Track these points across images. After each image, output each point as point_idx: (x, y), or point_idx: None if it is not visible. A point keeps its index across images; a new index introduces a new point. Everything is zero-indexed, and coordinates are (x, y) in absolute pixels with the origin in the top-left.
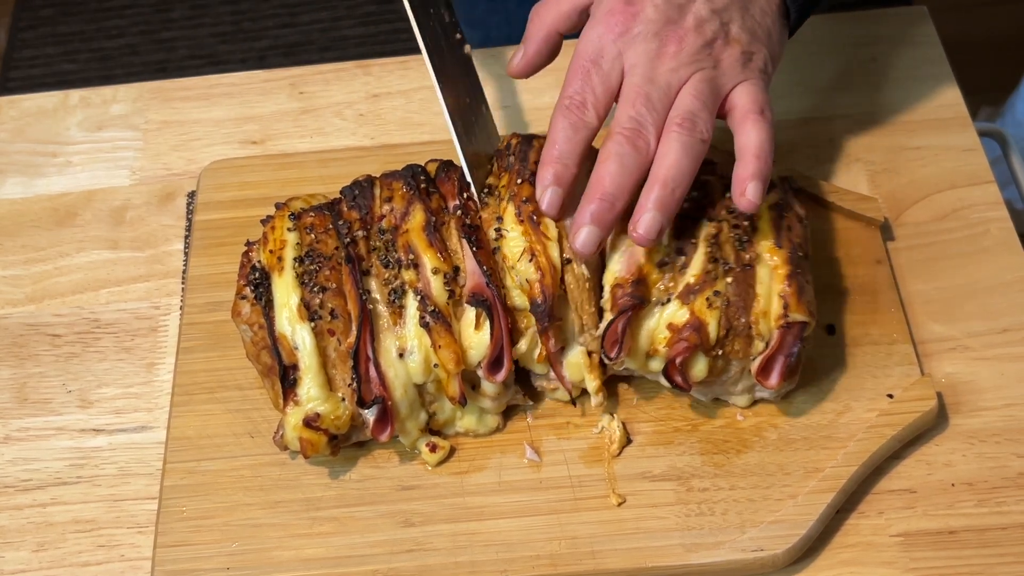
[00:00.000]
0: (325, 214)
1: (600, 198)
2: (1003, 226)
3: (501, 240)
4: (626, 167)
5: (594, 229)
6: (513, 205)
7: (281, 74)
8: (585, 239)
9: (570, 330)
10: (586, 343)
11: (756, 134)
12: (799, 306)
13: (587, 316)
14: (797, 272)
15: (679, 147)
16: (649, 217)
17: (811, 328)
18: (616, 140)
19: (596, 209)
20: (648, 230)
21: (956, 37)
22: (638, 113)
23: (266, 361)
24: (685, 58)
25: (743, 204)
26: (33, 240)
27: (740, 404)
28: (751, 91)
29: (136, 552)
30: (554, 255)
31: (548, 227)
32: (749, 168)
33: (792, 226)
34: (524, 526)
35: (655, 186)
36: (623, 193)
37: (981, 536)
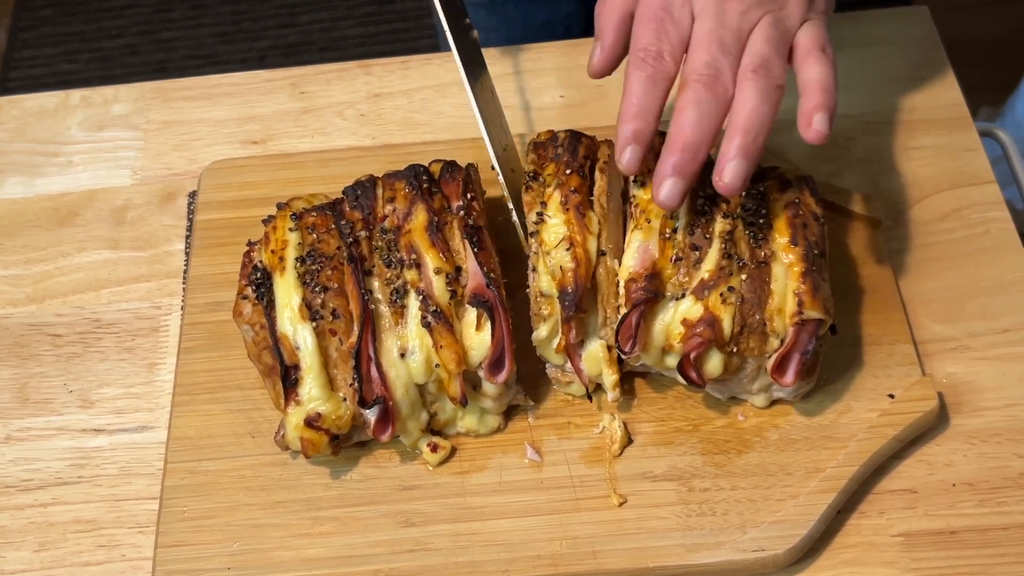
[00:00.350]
0: (327, 214)
1: (682, 148)
2: (1003, 226)
3: (541, 225)
4: (705, 115)
5: (678, 181)
6: (560, 193)
7: (282, 74)
8: (670, 191)
9: (592, 323)
10: (607, 337)
11: (820, 68)
12: (814, 303)
13: (611, 310)
14: (812, 270)
15: (757, 94)
16: (735, 165)
17: (827, 326)
18: (694, 88)
19: (679, 160)
20: (734, 178)
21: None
22: (713, 59)
23: (267, 361)
24: (753, 0)
25: (810, 136)
26: (34, 240)
27: (758, 404)
28: (813, 30)
29: (137, 552)
30: (592, 248)
31: (591, 220)
32: (815, 99)
33: (808, 224)
34: (525, 526)
35: (737, 134)
36: (705, 142)
37: (982, 536)
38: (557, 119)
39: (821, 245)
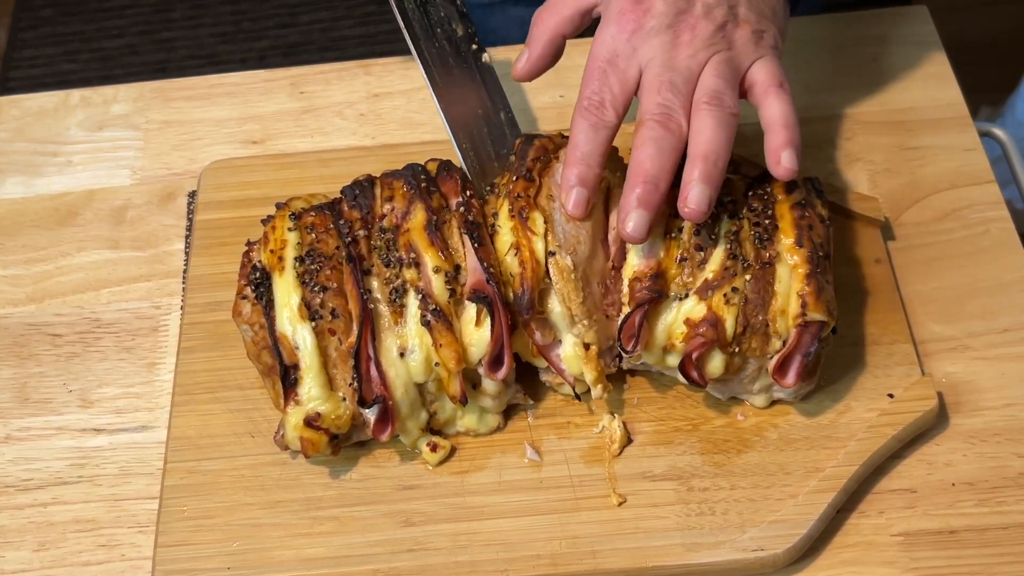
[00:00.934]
0: (326, 214)
1: (644, 181)
2: (1003, 226)
3: (495, 235)
4: (663, 149)
5: (642, 212)
6: (508, 200)
7: (282, 74)
8: (636, 224)
9: (561, 322)
10: (580, 335)
11: (780, 105)
12: (817, 305)
13: (576, 307)
14: (817, 272)
15: (712, 122)
16: (698, 190)
17: (829, 328)
18: (648, 126)
19: (642, 192)
20: (699, 203)
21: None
22: (664, 99)
23: (267, 361)
24: (700, 44)
25: (780, 173)
26: (34, 240)
27: (758, 404)
28: (768, 66)
29: (137, 552)
30: (538, 248)
31: (535, 222)
32: (780, 138)
33: (814, 225)
34: (524, 526)
35: (697, 161)
36: (665, 174)
37: (982, 536)
38: (556, 119)
39: (826, 247)
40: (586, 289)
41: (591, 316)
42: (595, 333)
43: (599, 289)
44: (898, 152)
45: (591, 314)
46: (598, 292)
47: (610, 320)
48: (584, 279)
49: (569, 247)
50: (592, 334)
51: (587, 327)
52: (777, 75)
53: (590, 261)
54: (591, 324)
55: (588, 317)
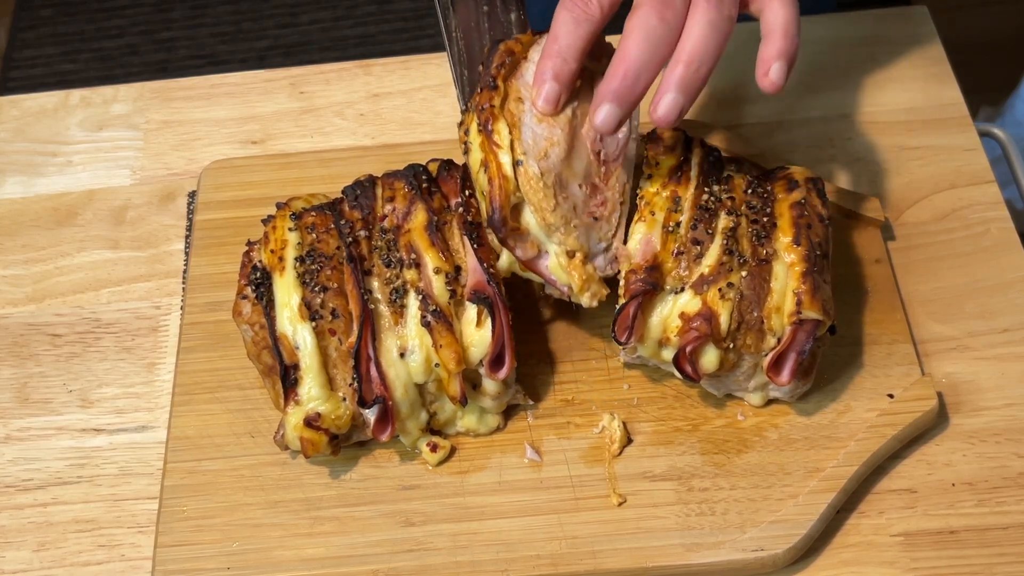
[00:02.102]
0: (326, 214)
1: (624, 74)
2: (1003, 226)
3: (468, 154)
4: (651, 41)
5: (614, 108)
6: (476, 115)
7: (282, 74)
8: (605, 117)
9: (539, 233)
10: (562, 242)
11: (783, 12)
12: (813, 303)
13: (549, 216)
14: (814, 270)
15: (706, 23)
16: (670, 99)
17: (826, 327)
18: (642, 12)
19: (619, 86)
20: (668, 112)
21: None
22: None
23: (267, 361)
24: None
25: (765, 85)
26: (34, 240)
27: (754, 402)
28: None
29: (136, 552)
30: (504, 161)
31: (499, 133)
32: (775, 46)
33: (813, 224)
34: (524, 526)
35: (679, 65)
36: (648, 70)
37: (982, 536)
38: None
39: (824, 247)
40: (562, 194)
41: (569, 222)
42: (576, 239)
43: (583, 191)
44: (898, 152)
45: (569, 220)
46: (580, 194)
47: (599, 221)
48: (559, 183)
49: (539, 152)
50: (573, 240)
51: (565, 234)
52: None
53: (569, 161)
54: (569, 230)
55: (566, 224)
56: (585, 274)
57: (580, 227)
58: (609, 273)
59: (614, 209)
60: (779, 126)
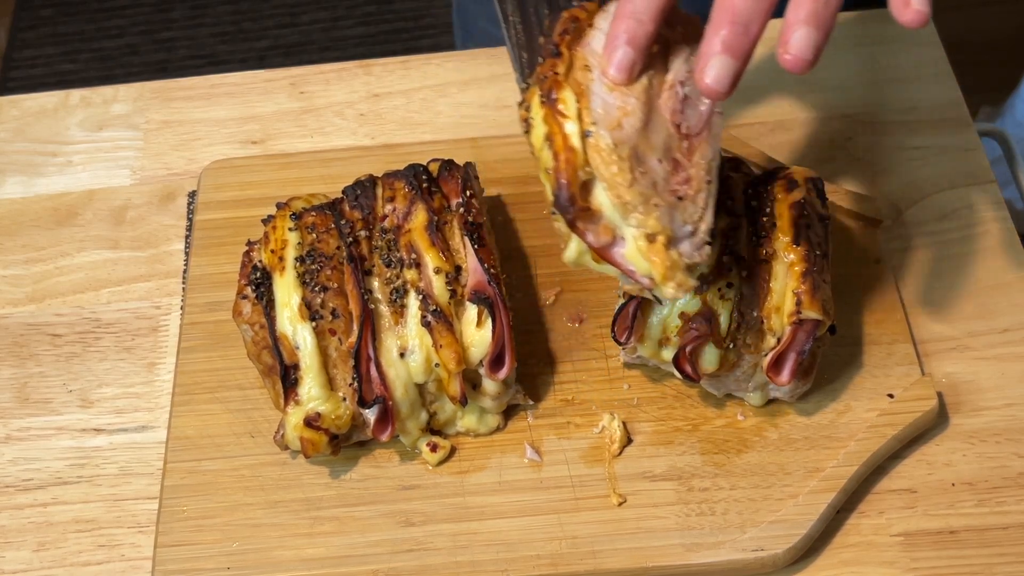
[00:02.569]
0: (327, 214)
1: (732, 21)
2: (1003, 226)
3: (530, 131)
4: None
5: (727, 60)
6: (539, 87)
7: (282, 74)
8: (718, 73)
9: (614, 215)
10: (641, 224)
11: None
12: (812, 303)
13: (625, 192)
14: (813, 270)
15: None
16: (803, 34)
17: (825, 327)
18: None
19: (728, 35)
20: (802, 49)
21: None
22: None
23: (267, 361)
24: None
25: (909, 17)
26: (34, 240)
27: (754, 402)
28: None
29: (137, 552)
30: (570, 131)
31: (565, 101)
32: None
33: (812, 224)
34: (524, 526)
35: None
36: (758, 15)
37: (981, 536)
38: None
39: (824, 247)
40: (639, 168)
41: (648, 200)
42: (658, 220)
43: (663, 166)
44: (898, 152)
45: (648, 198)
46: (661, 169)
47: (683, 201)
48: (636, 157)
49: (611, 121)
50: (654, 221)
51: (645, 214)
52: None
53: (646, 133)
54: (649, 209)
55: (645, 202)
56: (669, 260)
57: (662, 206)
58: (696, 260)
59: (700, 188)
60: (779, 126)
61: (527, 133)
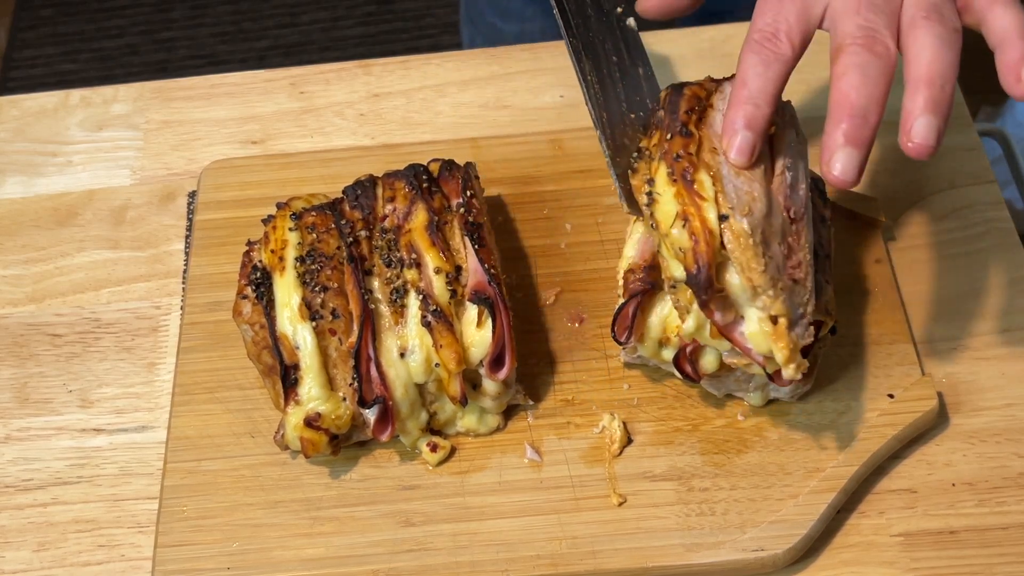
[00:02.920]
0: (327, 214)
1: (851, 115)
2: (1003, 226)
3: (653, 205)
4: (870, 76)
5: (852, 151)
6: (665, 163)
7: (282, 74)
8: (845, 165)
9: (742, 296)
10: (766, 307)
11: (1012, 16)
12: (816, 304)
13: (757, 277)
14: (815, 271)
15: (934, 39)
16: (924, 122)
17: (827, 327)
18: (850, 51)
19: (849, 127)
20: (926, 137)
21: None
22: (865, 19)
23: (267, 361)
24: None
25: (1021, 91)
26: (33, 240)
27: (754, 402)
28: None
29: (137, 552)
30: (710, 216)
31: (703, 185)
32: (1018, 51)
33: (814, 226)
34: (525, 526)
35: (920, 86)
36: (875, 104)
37: (982, 536)
38: (557, 119)
39: (826, 247)
40: (766, 253)
41: (775, 284)
42: (782, 303)
43: (781, 250)
44: (898, 152)
45: (775, 282)
46: (780, 254)
47: (797, 285)
48: (763, 242)
49: (743, 207)
50: (779, 304)
51: (772, 297)
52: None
53: (768, 219)
54: (776, 294)
55: (773, 286)
56: (792, 343)
57: (785, 290)
58: (806, 342)
59: (808, 272)
60: None
61: (649, 206)
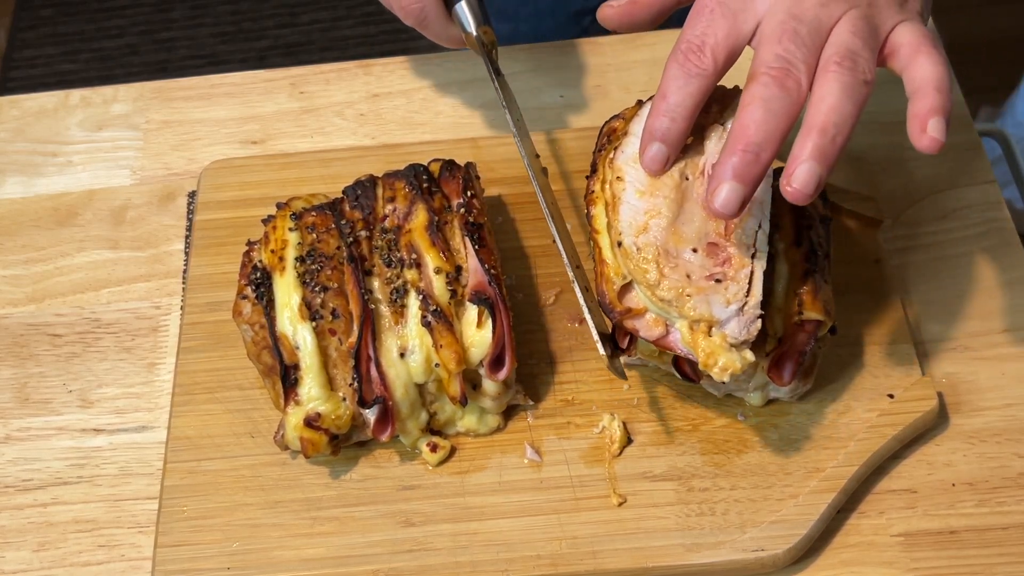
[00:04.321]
0: (327, 214)
1: (743, 149)
2: (1003, 226)
3: None
4: (773, 112)
5: (736, 186)
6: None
7: (282, 74)
8: (726, 198)
9: (656, 309)
10: (682, 315)
11: (933, 67)
12: (814, 304)
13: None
14: (814, 271)
15: (839, 88)
16: (806, 169)
17: (827, 328)
18: (761, 81)
19: (739, 162)
20: (805, 184)
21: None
22: (785, 50)
23: (267, 361)
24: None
25: (925, 144)
26: (33, 240)
27: (754, 402)
28: (916, 28)
29: (137, 552)
30: (604, 245)
31: (597, 218)
32: (929, 101)
33: (814, 226)
34: (525, 526)
35: (812, 133)
36: (770, 143)
37: (982, 536)
38: (557, 119)
39: (825, 247)
40: (669, 263)
41: (682, 293)
42: (693, 309)
43: (697, 254)
44: (898, 152)
45: (682, 290)
46: (696, 259)
47: (723, 283)
48: (664, 255)
49: (638, 226)
50: (689, 311)
51: (679, 306)
52: (928, 36)
53: (675, 228)
54: (683, 301)
55: (679, 295)
56: (710, 347)
57: (697, 295)
58: (747, 338)
59: (742, 265)
60: None
61: None
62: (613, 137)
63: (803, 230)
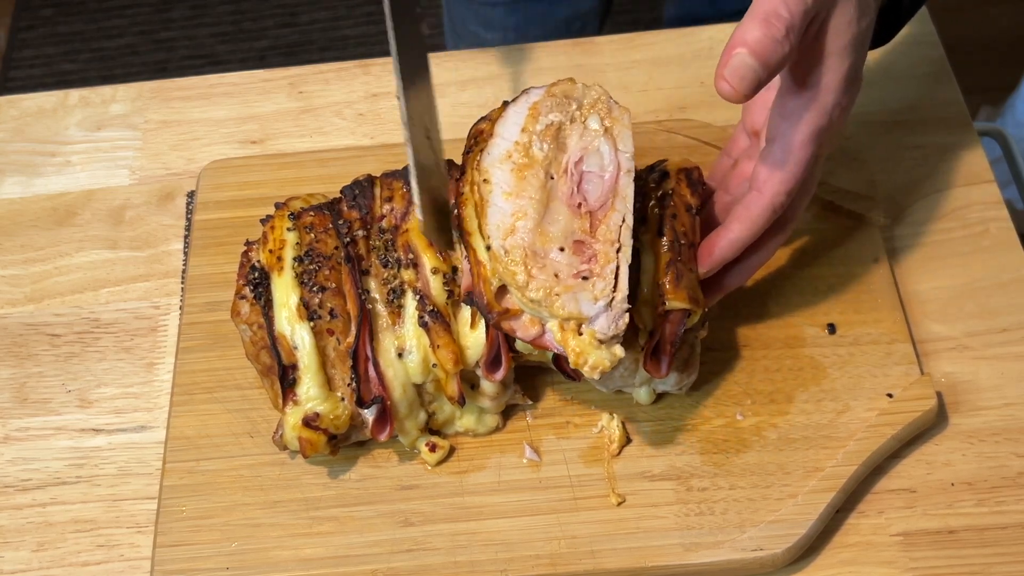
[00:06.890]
0: (325, 214)
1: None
2: (1003, 226)
3: None
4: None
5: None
6: None
7: (281, 74)
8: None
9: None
10: (553, 315)
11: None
12: (676, 293)
13: (529, 292)
14: (677, 260)
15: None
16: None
17: (696, 316)
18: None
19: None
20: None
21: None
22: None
23: (265, 361)
24: None
25: (703, 263)
26: (32, 240)
27: (642, 400)
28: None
29: (136, 552)
30: (477, 246)
31: (467, 220)
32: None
33: (678, 215)
34: (523, 526)
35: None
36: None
37: (981, 535)
38: None
39: (691, 236)
40: (537, 264)
41: (551, 292)
42: (562, 308)
43: (564, 253)
44: (898, 152)
45: (551, 290)
46: (563, 258)
47: (590, 279)
48: (532, 254)
49: (505, 229)
50: (558, 311)
51: (548, 306)
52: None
53: (541, 228)
54: (551, 300)
55: (547, 295)
56: (580, 345)
57: (564, 293)
58: (615, 332)
59: (608, 260)
60: None
61: None
62: (480, 139)
63: (667, 220)
